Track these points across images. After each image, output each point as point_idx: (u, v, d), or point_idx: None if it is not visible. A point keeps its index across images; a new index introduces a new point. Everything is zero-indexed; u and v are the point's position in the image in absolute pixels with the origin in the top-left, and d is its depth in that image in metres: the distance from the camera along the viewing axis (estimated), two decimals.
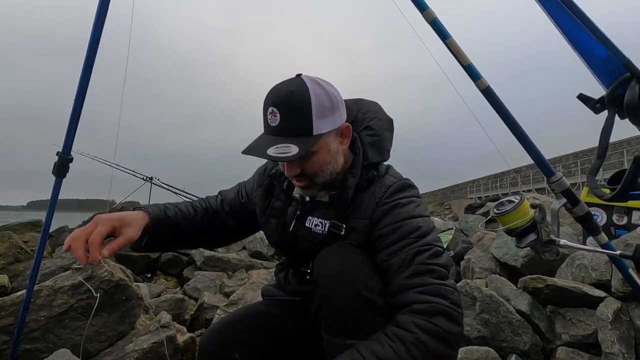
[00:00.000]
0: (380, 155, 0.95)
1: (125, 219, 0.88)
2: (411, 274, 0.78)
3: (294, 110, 0.82)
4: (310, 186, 0.91)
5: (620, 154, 14.77)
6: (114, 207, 5.20)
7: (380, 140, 0.97)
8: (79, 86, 1.37)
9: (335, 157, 0.90)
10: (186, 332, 1.77)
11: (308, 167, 0.87)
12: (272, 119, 0.83)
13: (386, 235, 0.84)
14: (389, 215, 0.86)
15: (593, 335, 1.53)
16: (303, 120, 0.82)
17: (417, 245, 0.81)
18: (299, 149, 0.80)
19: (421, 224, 0.84)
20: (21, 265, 2.45)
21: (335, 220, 0.91)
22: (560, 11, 1.08)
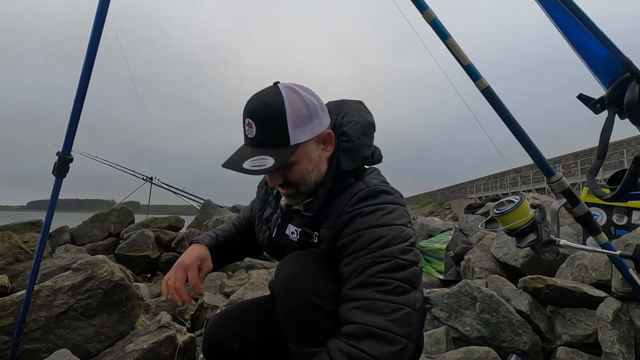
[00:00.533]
0: (353, 162, 0.92)
1: (201, 256, 1.05)
2: (355, 285, 0.77)
3: (269, 121, 0.82)
4: (296, 195, 0.91)
5: (620, 154, 14.76)
6: (114, 207, 5.20)
7: (354, 146, 0.93)
8: (79, 86, 1.37)
9: (317, 165, 0.90)
10: (186, 332, 1.77)
11: (290, 176, 0.87)
12: (249, 131, 0.84)
13: (346, 245, 0.82)
14: (351, 224, 0.83)
15: (593, 335, 1.53)
16: (279, 130, 0.82)
17: (373, 256, 0.78)
18: (275, 160, 0.80)
19: (383, 234, 0.80)
20: (21, 265, 2.45)
21: (307, 228, 0.92)
22: (560, 11, 1.08)
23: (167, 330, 1.61)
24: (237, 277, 2.81)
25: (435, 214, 23.80)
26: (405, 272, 0.78)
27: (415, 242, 0.85)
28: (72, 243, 4.26)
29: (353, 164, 0.92)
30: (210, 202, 6.76)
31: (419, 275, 0.82)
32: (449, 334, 1.71)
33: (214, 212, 5.40)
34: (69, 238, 4.46)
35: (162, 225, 4.53)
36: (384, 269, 0.77)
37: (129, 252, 3.56)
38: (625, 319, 1.49)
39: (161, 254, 3.70)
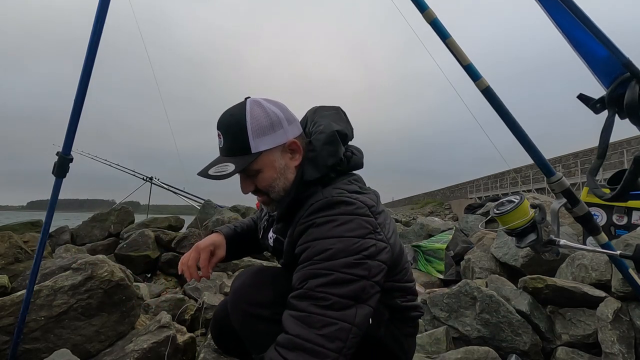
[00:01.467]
0: (316, 172, 0.93)
1: (215, 243, 1.14)
2: (296, 296, 0.80)
3: (231, 131, 0.91)
4: (269, 202, 0.99)
5: (620, 154, 14.76)
6: (114, 207, 5.20)
7: (317, 156, 0.94)
8: (79, 86, 1.37)
9: (284, 173, 0.95)
10: (186, 332, 1.77)
11: (258, 184, 0.95)
12: (219, 141, 0.94)
13: (298, 255, 0.86)
14: (304, 234, 0.86)
15: (593, 335, 1.53)
16: (240, 139, 0.90)
17: (316, 268, 0.79)
18: (235, 166, 0.88)
19: (330, 246, 0.79)
20: (21, 265, 2.45)
21: (280, 236, 1.00)
22: (560, 11, 1.08)
23: (167, 330, 1.61)
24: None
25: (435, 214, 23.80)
26: (348, 287, 0.77)
27: (374, 254, 0.82)
28: (72, 243, 4.26)
29: (316, 173, 0.93)
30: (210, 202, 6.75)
31: (368, 289, 0.79)
32: (449, 334, 1.71)
33: (214, 212, 5.40)
34: (69, 238, 4.46)
35: (162, 225, 4.53)
36: (324, 282, 0.77)
37: (129, 252, 3.56)
38: (625, 319, 1.49)
39: (161, 254, 3.69)
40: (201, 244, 1.11)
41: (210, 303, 2.24)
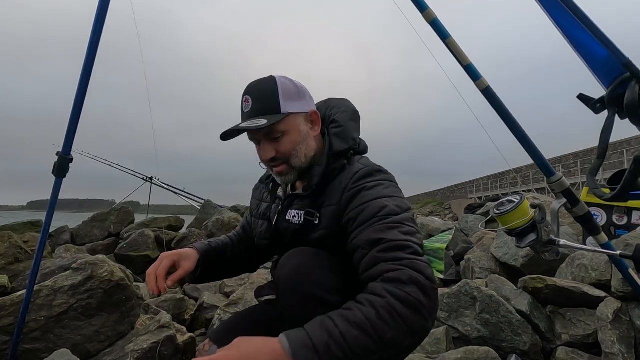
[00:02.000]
0: (345, 143, 1.00)
1: (183, 254, 1.04)
2: (383, 249, 0.77)
3: (261, 93, 0.93)
4: (287, 171, 0.96)
5: (620, 154, 14.76)
6: (114, 206, 5.20)
7: (344, 129, 1.02)
8: (79, 86, 1.37)
9: (306, 139, 0.97)
10: (186, 332, 1.77)
11: (281, 147, 0.94)
12: (246, 106, 0.94)
13: (354, 218, 0.85)
14: (355, 199, 0.88)
15: (593, 335, 1.53)
16: (271, 100, 0.93)
17: (387, 222, 0.81)
18: (267, 120, 0.89)
19: (387, 203, 0.84)
20: (21, 265, 2.45)
21: (310, 209, 0.95)
22: (560, 11, 1.08)
23: (167, 330, 1.61)
24: (237, 277, 2.81)
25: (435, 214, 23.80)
26: (417, 238, 0.81)
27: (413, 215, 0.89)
28: (72, 243, 4.26)
29: (344, 144, 0.99)
30: (210, 202, 6.76)
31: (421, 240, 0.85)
32: (449, 334, 1.71)
33: (214, 212, 5.40)
34: (69, 238, 4.46)
35: (162, 225, 4.53)
36: (401, 232, 0.80)
37: (129, 252, 3.56)
38: (625, 319, 1.49)
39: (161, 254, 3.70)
40: (166, 253, 1.03)
41: (210, 303, 2.24)
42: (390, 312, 0.68)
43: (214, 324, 1.79)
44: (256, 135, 0.95)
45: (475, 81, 1.22)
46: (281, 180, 1.00)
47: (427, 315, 0.71)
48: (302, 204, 0.98)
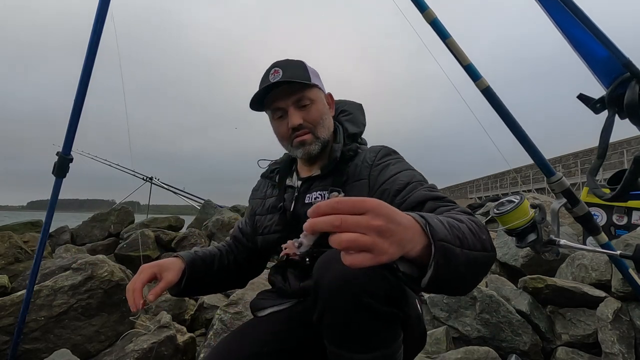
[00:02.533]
0: (357, 127, 1.09)
1: (163, 265, 0.95)
2: (437, 199, 0.79)
3: (292, 65, 0.98)
4: (312, 140, 0.98)
5: (620, 154, 14.77)
6: (114, 206, 5.20)
7: (354, 116, 1.12)
8: (79, 86, 1.37)
9: (327, 113, 1.03)
10: (186, 332, 1.77)
11: (309, 115, 0.98)
12: (275, 76, 0.95)
13: (389, 189, 0.87)
14: (385, 171, 0.92)
15: (593, 335, 1.53)
16: (300, 71, 0.98)
17: (425, 186, 0.84)
18: (299, 79, 0.94)
19: (415, 174, 0.90)
20: (21, 265, 2.45)
21: (335, 185, 0.97)
22: (560, 11, 1.08)
23: (167, 330, 1.61)
24: None
25: None
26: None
27: None
28: (72, 243, 4.26)
29: (356, 128, 1.08)
30: (210, 202, 6.75)
31: None
32: (449, 334, 1.71)
33: (214, 212, 5.40)
34: (69, 238, 4.46)
35: (162, 225, 4.53)
36: (441, 194, 0.82)
37: (129, 252, 3.56)
38: (625, 319, 1.49)
39: (161, 254, 3.70)
40: (145, 265, 0.93)
41: (210, 303, 2.24)
42: (476, 230, 0.65)
43: (214, 324, 1.79)
44: (287, 100, 0.97)
45: (475, 81, 1.22)
46: (302, 152, 0.99)
47: (493, 249, 0.69)
48: (323, 183, 0.99)
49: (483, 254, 0.63)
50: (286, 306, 1.01)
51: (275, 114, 1.01)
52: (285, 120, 0.99)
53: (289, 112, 0.97)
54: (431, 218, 0.56)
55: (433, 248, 0.53)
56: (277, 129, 1.03)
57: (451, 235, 0.57)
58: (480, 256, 0.62)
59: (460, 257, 0.56)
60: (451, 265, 0.55)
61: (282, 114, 0.99)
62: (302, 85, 0.97)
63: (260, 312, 1.03)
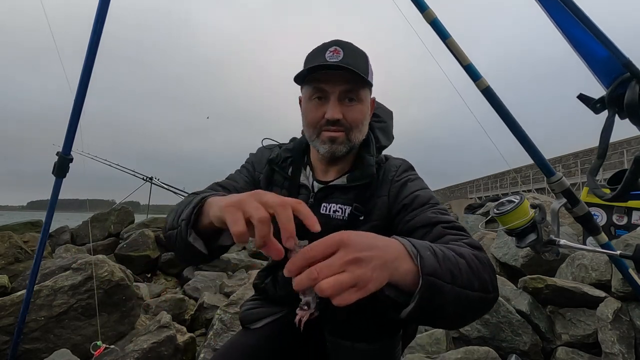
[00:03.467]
0: (387, 140, 1.00)
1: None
2: (448, 226, 0.75)
3: (355, 52, 0.85)
4: (343, 141, 0.87)
5: (620, 154, 14.76)
6: (114, 207, 5.20)
7: (387, 126, 1.02)
8: (79, 86, 1.37)
9: (367, 120, 0.91)
10: (186, 332, 1.77)
11: (350, 113, 0.86)
12: (334, 55, 0.83)
13: (409, 204, 0.84)
14: (404, 188, 0.87)
15: (593, 335, 1.53)
16: (363, 63, 0.85)
17: (439, 208, 0.81)
18: (361, 72, 0.82)
19: (432, 194, 0.86)
20: (21, 265, 2.45)
21: (357, 203, 0.88)
22: (560, 11, 1.08)
23: (167, 330, 1.61)
24: (237, 277, 2.82)
25: None
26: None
27: None
28: (72, 243, 4.26)
29: (387, 141, 1.00)
30: None
31: None
32: (449, 334, 1.71)
33: None
34: (69, 238, 4.46)
35: (162, 225, 4.53)
36: (453, 218, 0.80)
37: (129, 252, 3.56)
38: (625, 319, 1.49)
39: (161, 254, 3.70)
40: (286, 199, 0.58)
41: (210, 303, 2.24)
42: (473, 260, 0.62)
43: (214, 324, 1.79)
44: (336, 87, 0.84)
45: (475, 81, 1.22)
46: (327, 150, 0.87)
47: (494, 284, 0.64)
48: (346, 197, 0.89)
49: (479, 294, 0.58)
50: (282, 314, 0.96)
51: (314, 93, 0.86)
52: (323, 106, 0.85)
53: (331, 101, 0.84)
54: (424, 249, 0.54)
55: (420, 281, 0.51)
56: (308, 111, 0.88)
57: (442, 270, 0.53)
58: (475, 297, 0.57)
59: (448, 294, 0.53)
60: (435, 302, 0.52)
61: (322, 97, 0.86)
62: (358, 79, 0.83)
63: (254, 325, 0.97)
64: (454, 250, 0.62)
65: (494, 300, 0.64)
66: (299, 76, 0.87)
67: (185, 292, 2.74)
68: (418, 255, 0.52)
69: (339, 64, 0.80)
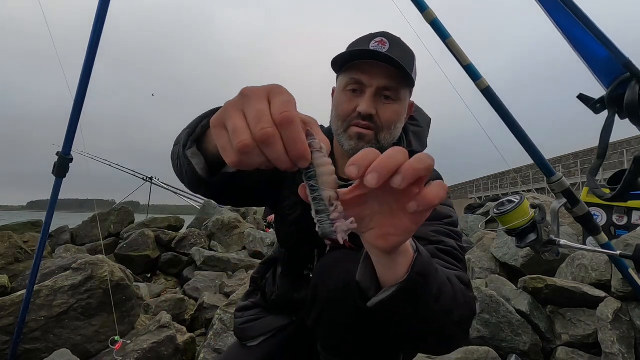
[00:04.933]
0: (421, 146, 0.92)
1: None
2: (445, 250, 0.71)
3: (403, 48, 0.80)
4: (371, 140, 0.80)
5: (620, 154, 14.77)
6: (114, 207, 5.20)
7: (423, 131, 0.95)
8: (79, 86, 1.37)
9: (402, 122, 0.85)
10: (186, 332, 1.77)
11: (384, 112, 0.79)
12: (380, 46, 0.77)
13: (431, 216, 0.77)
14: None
15: (593, 335, 1.53)
16: (410, 60, 0.79)
17: (449, 229, 0.76)
18: (405, 67, 0.76)
19: (452, 214, 0.80)
20: (21, 265, 2.45)
21: None
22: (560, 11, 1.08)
23: (167, 330, 1.61)
24: (237, 277, 2.82)
25: None
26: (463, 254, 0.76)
27: None
28: (72, 243, 4.26)
29: (420, 147, 0.91)
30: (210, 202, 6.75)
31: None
32: None
33: (214, 212, 5.40)
34: (69, 238, 4.46)
35: (162, 225, 4.53)
36: (459, 246, 0.75)
37: (129, 252, 3.56)
38: (625, 319, 1.49)
39: (161, 254, 3.70)
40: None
41: (210, 303, 2.24)
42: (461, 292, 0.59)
43: (214, 324, 1.79)
44: (375, 80, 0.77)
45: (475, 81, 1.22)
46: (352, 146, 0.80)
47: (468, 327, 0.63)
48: None
49: (453, 328, 0.55)
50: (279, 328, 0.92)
51: (350, 84, 0.80)
52: (357, 99, 0.79)
53: (367, 94, 0.78)
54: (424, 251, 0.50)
55: (406, 275, 0.46)
56: (341, 102, 0.82)
57: (432, 279, 0.50)
58: (449, 327, 0.54)
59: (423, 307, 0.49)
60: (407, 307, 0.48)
61: (357, 89, 0.79)
62: (402, 76, 0.77)
63: (251, 342, 0.92)
64: (446, 273, 0.58)
65: (460, 343, 0.59)
66: (337, 60, 0.80)
67: (185, 292, 2.73)
68: (417, 252, 0.48)
69: (385, 54, 0.75)
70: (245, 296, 1.04)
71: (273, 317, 0.94)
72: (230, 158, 0.37)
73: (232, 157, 0.37)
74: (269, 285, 0.98)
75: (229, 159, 0.37)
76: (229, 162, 0.37)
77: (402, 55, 0.77)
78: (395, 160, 0.36)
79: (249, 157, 0.36)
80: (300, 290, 0.89)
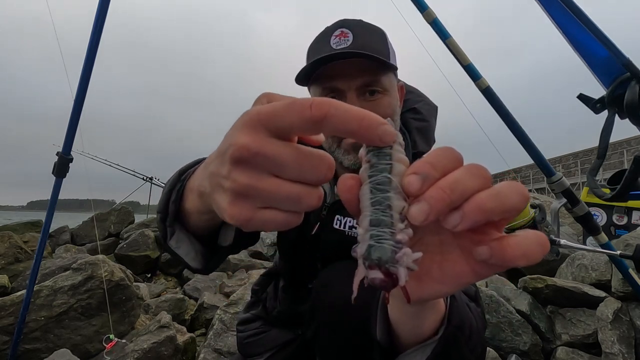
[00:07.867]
0: (427, 144, 0.80)
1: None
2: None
3: (369, 30, 0.68)
4: None
5: (620, 154, 14.77)
6: (114, 207, 5.20)
7: (428, 126, 0.82)
8: (79, 86, 1.37)
9: (399, 112, 0.74)
10: (186, 332, 1.77)
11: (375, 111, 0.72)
12: (341, 41, 0.66)
13: None
14: None
15: (593, 335, 1.53)
16: (379, 43, 0.67)
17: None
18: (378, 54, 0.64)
19: None
20: (21, 265, 2.45)
21: None
22: (560, 11, 1.08)
23: (167, 330, 1.61)
24: (237, 277, 2.82)
25: None
26: None
27: None
28: (72, 243, 4.26)
29: (427, 146, 0.79)
30: None
31: None
32: None
33: None
34: (69, 238, 4.46)
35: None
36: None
37: (129, 252, 3.56)
38: (625, 319, 1.49)
39: (161, 254, 3.69)
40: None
41: (210, 303, 2.24)
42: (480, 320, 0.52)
43: (214, 324, 1.79)
44: (350, 82, 0.66)
45: (475, 81, 1.22)
46: (353, 160, 0.70)
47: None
48: None
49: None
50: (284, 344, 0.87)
51: (325, 94, 0.69)
52: None
53: (348, 99, 0.67)
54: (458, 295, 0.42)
55: (442, 330, 0.38)
56: None
57: (464, 323, 0.43)
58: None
59: (457, 356, 0.40)
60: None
61: (336, 96, 0.67)
62: (378, 64, 0.66)
63: (256, 358, 0.87)
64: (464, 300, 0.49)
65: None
66: (300, 75, 0.71)
67: (185, 292, 2.73)
68: (450, 297, 0.39)
69: (349, 51, 0.64)
70: (247, 308, 0.98)
71: (277, 331, 0.89)
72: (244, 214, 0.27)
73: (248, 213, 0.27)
74: (270, 300, 0.92)
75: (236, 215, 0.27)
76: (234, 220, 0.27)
77: (370, 41, 0.67)
78: (464, 188, 0.24)
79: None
80: (304, 303, 0.84)
